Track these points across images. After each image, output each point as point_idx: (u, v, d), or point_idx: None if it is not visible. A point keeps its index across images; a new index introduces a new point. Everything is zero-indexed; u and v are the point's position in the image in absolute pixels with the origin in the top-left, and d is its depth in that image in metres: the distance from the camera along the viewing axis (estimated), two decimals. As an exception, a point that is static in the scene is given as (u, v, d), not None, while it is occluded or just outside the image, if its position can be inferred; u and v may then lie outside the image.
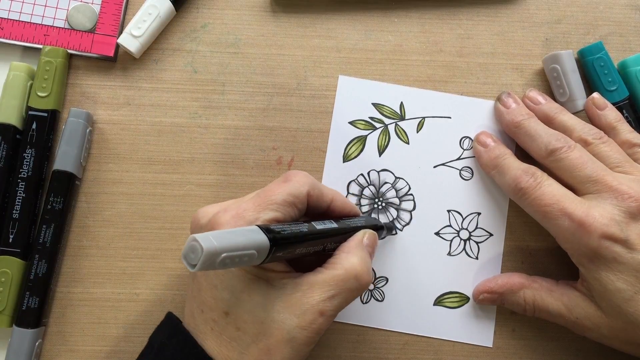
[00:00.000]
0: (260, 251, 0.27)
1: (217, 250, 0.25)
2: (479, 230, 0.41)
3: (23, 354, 0.37)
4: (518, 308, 0.38)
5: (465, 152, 0.42)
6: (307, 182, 0.33)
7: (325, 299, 0.30)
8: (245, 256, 0.26)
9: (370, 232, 0.35)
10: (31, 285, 0.38)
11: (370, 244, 0.34)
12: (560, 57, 0.40)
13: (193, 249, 0.24)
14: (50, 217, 0.38)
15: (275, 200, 0.31)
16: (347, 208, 0.36)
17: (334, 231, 0.33)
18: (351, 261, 0.32)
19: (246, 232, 0.27)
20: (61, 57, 0.40)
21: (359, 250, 0.33)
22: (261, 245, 0.27)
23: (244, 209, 0.31)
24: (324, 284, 0.31)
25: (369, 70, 0.42)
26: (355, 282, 0.31)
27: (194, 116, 0.41)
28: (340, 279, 0.31)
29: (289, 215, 0.32)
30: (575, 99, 0.40)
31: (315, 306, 0.30)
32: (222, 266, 0.25)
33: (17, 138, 0.39)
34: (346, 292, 0.31)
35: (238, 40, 0.42)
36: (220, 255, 0.25)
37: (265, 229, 0.28)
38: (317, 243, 0.32)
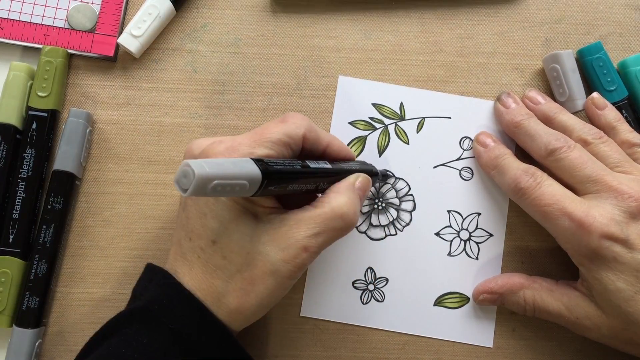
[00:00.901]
0: (252, 182, 0.27)
1: (209, 176, 0.25)
2: (479, 230, 0.41)
3: (23, 354, 0.37)
4: (518, 308, 0.38)
5: (465, 152, 0.42)
6: (304, 124, 0.33)
7: (310, 235, 0.31)
8: (236, 185, 0.26)
9: (363, 176, 0.35)
10: (31, 285, 0.38)
11: (362, 187, 0.35)
12: (560, 56, 0.41)
13: (185, 173, 0.25)
14: (50, 217, 0.38)
15: (270, 138, 0.32)
16: (343, 152, 0.36)
17: (327, 171, 0.34)
18: (339, 201, 0.32)
19: (239, 162, 0.27)
20: (61, 57, 0.40)
21: (349, 192, 0.33)
22: (253, 176, 0.27)
23: (239, 143, 0.32)
24: (310, 220, 0.32)
25: (369, 70, 0.42)
26: (340, 221, 0.32)
27: (194, 116, 0.42)
28: (326, 217, 0.32)
29: (282, 155, 0.32)
30: (575, 98, 0.41)
31: (300, 241, 0.31)
32: (213, 193, 0.25)
33: (17, 138, 0.39)
34: (331, 231, 0.32)
35: (238, 40, 0.42)
36: (212, 182, 0.25)
37: (258, 161, 0.28)
38: (309, 181, 0.32)
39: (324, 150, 0.35)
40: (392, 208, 0.41)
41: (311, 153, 0.35)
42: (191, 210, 0.32)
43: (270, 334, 0.40)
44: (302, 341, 0.40)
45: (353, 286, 0.40)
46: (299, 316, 0.40)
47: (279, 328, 0.40)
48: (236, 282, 0.31)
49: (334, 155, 0.36)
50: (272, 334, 0.40)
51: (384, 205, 0.41)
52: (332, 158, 0.36)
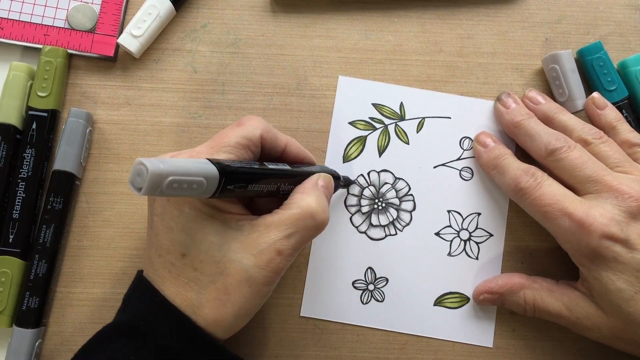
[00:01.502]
0: (209, 180, 0.27)
1: (163, 172, 0.25)
2: (479, 230, 0.41)
3: (23, 354, 0.37)
4: (518, 308, 0.39)
5: (465, 152, 0.42)
6: (260, 125, 0.34)
7: (282, 238, 0.31)
8: (194, 183, 0.26)
9: (324, 174, 0.35)
10: (31, 285, 0.38)
11: (326, 185, 0.35)
12: (560, 57, 0.41)
13: (139, 172, 0.25)
14: (50, 217, 0.38)
15: (228, 143, 0.32)
16: (302, 154, 0.37)
17: (287, 172, 0.34)
18: (307, 200, 0.32)
19: (195, 161, 0.27)
20: (61, 57, 0.40)
21: (314, 190, 0.33)
22: (210, 173, 0.27)
23: (197, 152, 0.32)
24: (281, 223, 0.31)
25: (369, 70, 0.43)
26: (311, 220, 0.32)
27: (194, 116, 0.42)
28: (296, 217, 0.32)
29: (242, 158, 0.32)
30: (574, 98, 0.41)
31: (272, 245, 0.31)
32: (169, 191, 0.25)
33: (17, 138, 0.39)
34: (303, 231, 0.32)
35: (238, 40, 0.43)
36: (167, 178, 0.25)
37: (216, 161, 0.28)
38: (270, 182, 0.32)
39: (282, 150, 0.35)
40: (392, 208, 0.41)
41: (270, 155, 0.35)
42: (158, 226, 0.32)
43: (270, 334, 0.40)
44: (302, 341, 0.40)
45: (353, 286, 0.40)
46: (299, 316, 0.40)
47: (279, 328, 0.40)
48: (210, 293, 0.31)
49: (293, 156, 0.36)
50: (272, 334, 0.40)
51: (384, 205, 0.41)
52: (292, 160, 0.36)
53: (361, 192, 0.41)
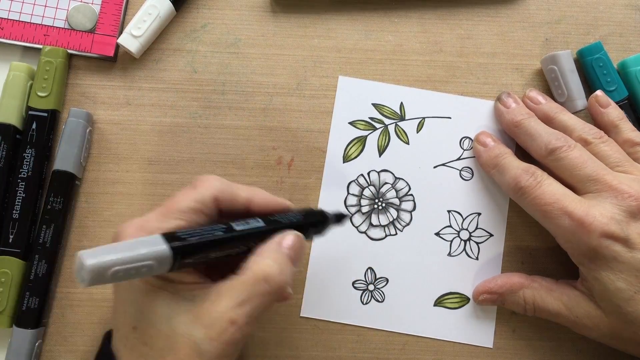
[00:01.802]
0: (161, 261, 0.26)
1: (105, 264, 0.24)
2: (479, 230, 0.41)
3: (23, 354, 0.37)
4: (518, 308, 0.39)
5: (465, 152, 0.42)
6: (213, 185, 0.32)
7: (234, 306, 0.29)
8: (143, 267, 0.25)
9: (293, 233, 0.32)
10: (31, 286, 0.38)
11: (292, 245, 0.32)
12: (558, 57, 0.41)
13: (80, 266, 0.24)
14: (50, 217, 0.38)
15: (179, 208, 0.30)
16: (272, 205, 0.34)
17: (257, 230, 0.31)
18: (260, 264, 0.30)
19: (145, 242, 0.26)
20: (61, 57, 0.40)
21: (273, 253, 0.31)
22: (161, 255, 0.26)
23: (147, 220, 0.30)
24: (232, 290, 0.29)
25: (369, 70, 0.43)
26: (265, 285, 0.29)
27: (194, 116, 0.42)
28: (248, 283, 0.29)
29: (195, 222, 0.31)
30: (574, 99, 0.41)
31: (224, 314, 0.29)
32: (117, 279, 0.25)
33: (17, 138, 0.39)
34: (257, 297, 0.29)
35: (238, 40, 0.43)
36: (110, 269, 0.24)
37: (170, 236, 0.27)
38: (237, 244, 0.30)
39: (246, 207, 0.33)
40: (392, 208, 0.41)
41: (233, 213, 0.32)
42: (116, 297, 0.32)
43: (270, 334, 0.40)
44: (302, 341, 0.40)
45: (353, 286, 0.41)
46: (299, 316, 0.40)
47: (279, 328, 0.40)
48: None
49: (262, 210, 0.33)
50: (272, 334, 0.40)
51: (384, 205, 0.42)
52: (260, 213, 0.33)
53: (361, 192, 0.42)
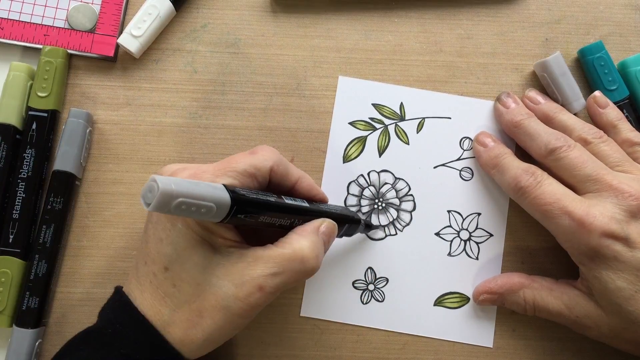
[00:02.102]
0: (220, 206, 0.27)
1: (173, 192, 0.25)
2: (479, 230, 0.42)
3: (23, 354, 0.37)
4: (518, 308, 0.39)
5: (465, 152, 0.42)
6: (272, 157, 0.33)
7: (267, 275, 0.31)
8: (203, 207, 0.26)
9: (329, 221, 0.35)
10: (31, 286, 0.38)
11: (327, 232, 0.34)
12: (547, 65, 0.41)
13: (151, 188, 0.25)
14: (50, 217, 0.39)
15: (235, 168, 0.32)
16: (314, 191, 0.36)
17: (304, 209, 0.33)
18: (301, 243, 0.32)
19: (210, 186, 0.27)
20: (61, 57, 0.40)
21: (312, 235, 0.33)
22: (222, 201, 0.27)
23: (203, 171, 0.31)
24: (269, 259, 0.31)
25: (369, 70, 0.43)
26: (300, 264, 0.31)
27: (194, 116, 0.42)
28: (285, 258, 0.31)
29: (246, 185, 0.32)
30: (569, 102, 0.41)
31: (255, 279, 0.30)
32: (177, 211, 0.25)
33: (17, 138, 0.40)
34: (289, 273, 0.31)
35: (238, 40, 0.43)
36: (176, 199, 0.25)
37: (231, 189, 0.28)
38: (283, 216, 0.32)
39: (292, 185, 0.35)
40: (392, 208, 0.42)
41: (279, 187, 0.34)
42: (150, 234, 0.32)
43: (270, 334, 0.40)
44: (302, 341, 0.40)
45: (353, 286, 0.41)
46: (299, 316, 0.40)
47: (279, 328, 0.40)
48: (183, 313, 0.31)
49: (304, 192, 0.35)
50: (272, 334, 0.40)
51: (384, 205, 0.42)
52: (301, 196, 0.35)
53: (361, 192, 0.42)
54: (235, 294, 0.30)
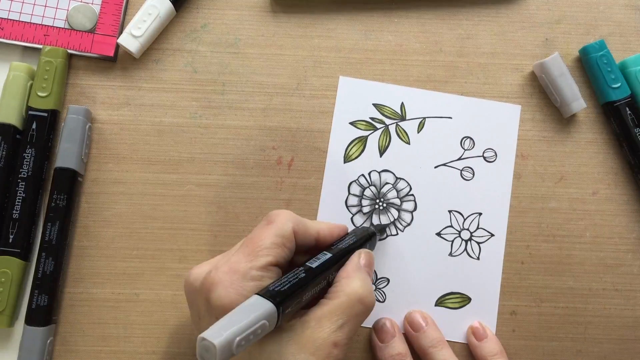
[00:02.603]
0: (270, 319, 0.28)
1: (229, 340, 0.25)
2: (480, 230, 0.42)
3: (35, 352, 0.38)
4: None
5: (466, 152, 0.43)
6: (290, 218, 0.34)
7: (336, 329, 0.31)
8: (258, 329, 0.27)
9: (365, 251, 0.36)
10: (39, 284, 0.38)
11: (367, 263, 0.35)
12: (545, 65, 0.42)
13: (207, 348, 0.25)
14: (55, 214, 0.39)
15: (264, 245, 0.32)
16: (335, 233, 0.37)
17: (331, 262, 0.34)
18: (352, 286, 0.32)
19: (249, 307, 0.28)
20: (61, 57, 0.41)
21: (358, 273, 0.34)
22: (269, 312, 0.28)
23: (236, 262, 0.32)
24: (331, 314, 0.31)
25: (369, 70, 0.43)
26: (360, 305, 0.32)
27: (194, 116, 0.42)
28: (345, 306, 0.32)
29: (280, 257, 0.32)
30: (568, 103, 0.42)
31: (327, 339, 0.31)
32: (240, 349, 0.26)
33: (17, 138, 0.40)
34: (354, 318, 0.32)
35: (238, 40, 0.43)
36: (234, 343, 0.25)
37: (266, 294, 0.28)
38: (319, 281, 0.32)
39: (315, 238, 0.35)
40: (393, 208, 0.42)
41: (303, 245, 0.35)
42: None
43: (270, 334, 0.40)
44: (302, 341, 0.40)
45: (354, 286, 0.41)
46: (299, 316, 0.41)
47: (279, 328, 0.40)
48: None
49: (328, 239, 0.36)
50: (272, 334, 0.40)
51: (385, 205, 0.42)
52: (326, 243, 0.36)
53: (362, 192, 0.42)
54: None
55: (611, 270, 0.42)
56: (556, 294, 0.41)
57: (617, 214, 0.42)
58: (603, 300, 0.42)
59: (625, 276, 0.42)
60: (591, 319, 0.41)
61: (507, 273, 0.42)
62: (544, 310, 0.41)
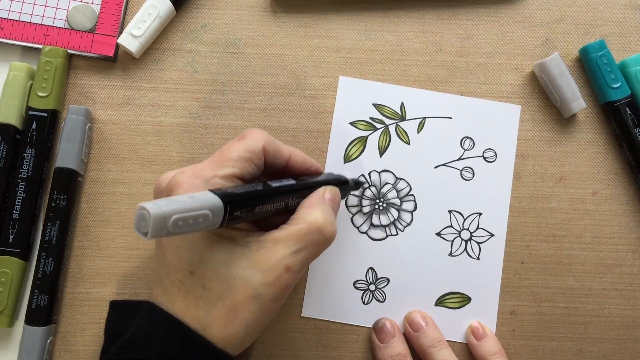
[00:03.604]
0: (214, 211, 0.28)
1: (165, 214, 0.26)
2: (480, 230, 0.43)
3: (35, 352, 0.39)
4: None
5: (466, 152, 0.43)
6: (262, 137, 0.34)
7: (290, 254, 0.32)
8: (199, 217, 0.27)
9: (330, 187, 0.36)
10: (39, 284, 0.39)
11: (332, 198, 0.36)
12: (545, 65, 0.42)
13: (142, 217, 0.26)
14: (55, 214, 0.40)
15: (231, 157, 0.33)
16: (307, 164, 0.37)
17: (292, 187, 0.34)
18: (314, 215, 0.33)
19: (197, 196, 0.28)
20: (61, 57, 0.41)
21: (321, 205, 0.34)
22: (214, 205, 0.28)
23: (201, 168, 0.33)
24: (288, 239, 0.32)
25: (369, 70, 0.44)
26: (319, 235, 0.33)
27: (194, 116, 0.43)
28: (303, 232, 0.32)
29: (246, 171, 0.33)
30: (568, 102, 0.42)
31: (280, 261, 0.32)
32: (175, 229, 0.26)
33: (17, 138, 0.41)
34: (311, 246, 0.33)
35: (238, 40, 0.44)
36: (170, 218, 0.26)
37: (218, 191, 0.29)
38: (276, 200, 0.33)
39: (286, 162, 0.36)
40: (393, 208, 0.43)
41: (274, 167, 0.36)
42: (165, 245, 0.33)
43: (270, 334, 0.41)
44: (302, 341, 0.41)
45: (354, 286, 0.42)
46: (300, 316, 0.41)
47: (279, 328, 0.41)
48: (219, 311, 0.32)
49: (298, 167, 0.37)
50: (272, 334, 0.41)
51: (385, 205, 0.43)
52: (297, 171, 0.37)
53: (362, 192, 0.43)
54: (264, 280, 0.31)
55: (611, 270, 0.43)
56: (556, 294, 0.42)
57: (617, 214, 0.43)
58: (603, 300, 0.42)
59: (625, 276, 0.43)
60: (591, 318, 0.42)
61: (507, 273, 0.42)
62: (544, 310, 0.42)
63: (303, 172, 0.37)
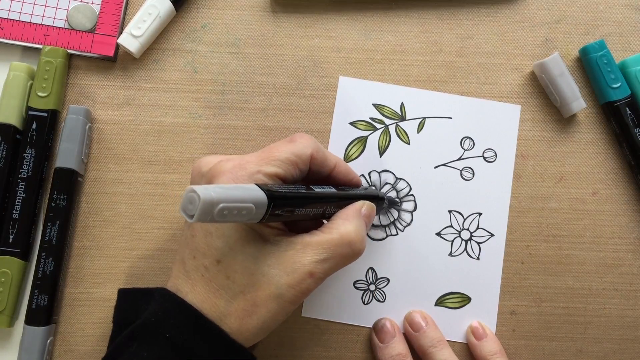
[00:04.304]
0: (258, 206, 0.28)
1: (214, 200, 0.26)
2: (480, 230, 0.43)
3: (35, 352, 0.39)
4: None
5: (466, 152, 0.44)
6: (311, 144, 0.35)
7: (317, 261, 0.32)
8: (243, 209, 0.28)
9: (369, 203, 0.37)
10: (39, 284, 0.39)
11: (368, 214, 0.36)
12: (545, 65, 0.43)
13: (191, 199, 0.26)
14: (55, 214, 0.40)
15: (278, 157, 0.33)
16: (350, 175, 0.38)
17: (333, 196, 0.35)
18: (347, 228, 0.34)
19: (244, 188, 0.29)
20: (61, 57, 0.42)
21: (356, 219, 0.35)
22: (259, 200, 0.29)
23: (247, 161, 0.33)
24: (318, 246, 0.33)
25: (369, 70, 0.44)
26: (348, 248, 0.33)
27: (194, 116, 0.43)
28: (334, 243, 0.33)
29: (289, 174, 0.34)
30: (568, 103, 0.43)
31: (306, 266, 0.32)
32: (219, 217, 0.27)
33: (17, 138, 0.41)
34: (338, 258, 0.33)
35: (238, 40, 0.44)
36: (217, 206, 0.26)
37: (264, 187, 0.30)
38: (315, 206, 0.33)
39: (330, 171, 0.37)
40: (393, 208, 0.43)
41: (318, 175, 0.36)
42: (196, 227, 0.33)
43: (271, 334, 0.41)
44: (302, 341, 0.41)
45: (354, 286, 0.42)
46: (300, 316, 0.42)
47: (279, 328, 0.41)
48: (239, 303, 0.32)
49: (341, 178, 0.37)
50: (272, 334, 0.41)
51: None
52: (339, 182, 0.37)
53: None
54: (288, 281, 0.32)
55: (611, 270, 0.43)
56: (556, 294, 0.43)
57: (617, 214, 0.43)
58: (603, 300, 0.43)
59: (625, 276, 0.43)
60: (591, 318, 0.42)
61: (507, 273, 0.43)
62: (544, 310, 0.42)
63: (345, 183, 0.38)
